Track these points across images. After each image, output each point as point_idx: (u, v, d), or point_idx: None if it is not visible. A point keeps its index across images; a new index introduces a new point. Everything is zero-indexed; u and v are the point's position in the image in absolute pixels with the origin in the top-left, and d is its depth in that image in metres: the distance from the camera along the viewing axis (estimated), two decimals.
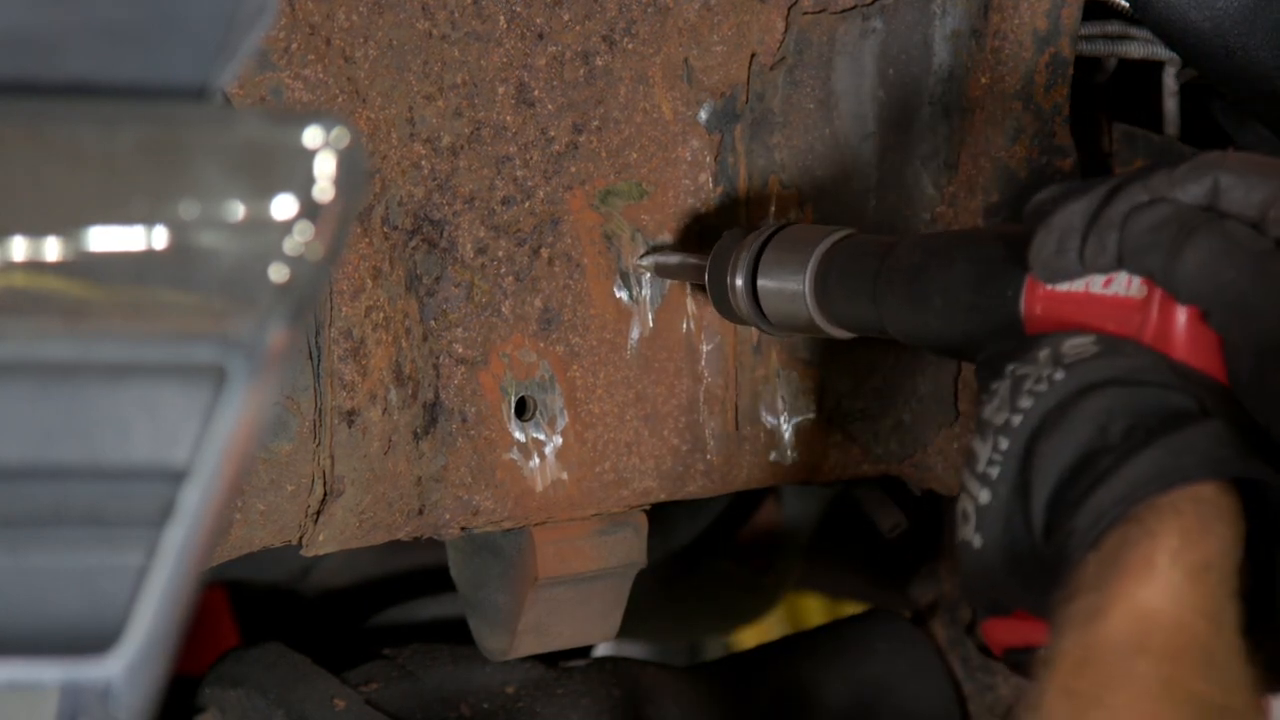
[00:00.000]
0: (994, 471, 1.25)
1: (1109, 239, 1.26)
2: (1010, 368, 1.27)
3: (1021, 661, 1.27)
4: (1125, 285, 1.28)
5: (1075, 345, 1.25)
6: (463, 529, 1.72)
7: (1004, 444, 1.24)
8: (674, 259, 1.75)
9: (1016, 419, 1.24)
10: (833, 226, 1.63)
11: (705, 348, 1.78)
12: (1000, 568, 1.25)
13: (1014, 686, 2.18)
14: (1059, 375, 1.24)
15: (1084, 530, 1.19)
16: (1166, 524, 1.16)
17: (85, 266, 0.92)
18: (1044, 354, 1.26)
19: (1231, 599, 1.16)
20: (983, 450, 1.25)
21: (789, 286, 1.62)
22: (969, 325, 1.39)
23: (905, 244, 1.51)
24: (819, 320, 1.60)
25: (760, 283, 1.64)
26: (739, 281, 1.66)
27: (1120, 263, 1.26)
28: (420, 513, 1.69)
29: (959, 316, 1.40)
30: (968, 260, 1.40)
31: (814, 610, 3.30)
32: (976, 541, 1.25)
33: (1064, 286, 1.30)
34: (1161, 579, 1.15)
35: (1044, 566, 1.22)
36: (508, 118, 1.68)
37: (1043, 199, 1.31)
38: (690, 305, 1.78)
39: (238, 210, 0.93)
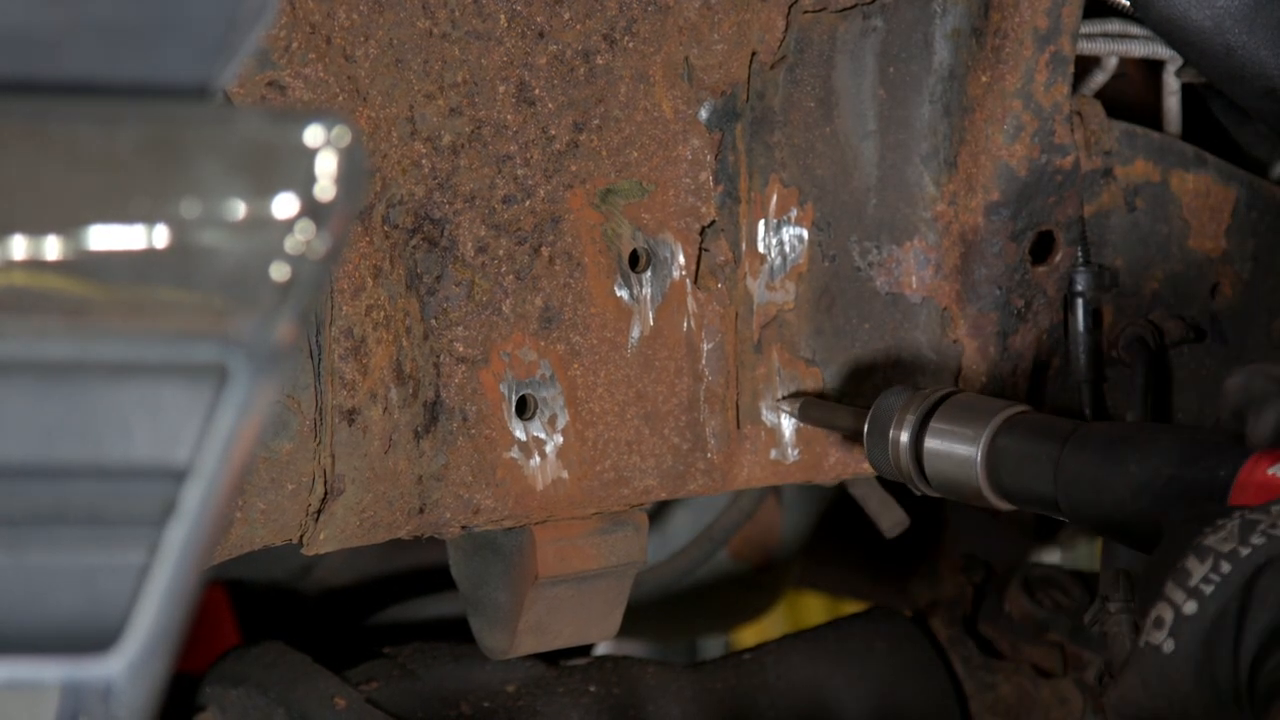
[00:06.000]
0: (1208, 589, 1.32)
1: None
2: (1241, 513, 1.36)
3: None
4: None
5: None
6: (463, 528, 1.72)
7: (1225, 568, 1.33)
8: (824, 407, 1.81)
9: (1245, 550, 1.33)
10: (1006, 401, 1.70)
11: (706, 346, 1.78)
12: (1189, 676, 1.32)
13: (1014, 686, 2.18)
14: None
15: None
16: None
17: (86, 265, 0.92)
18: (1277, 509, 1.35)
19: None
20: (1199, 569, 1.34)
21: (959, 451, 1.69)
22: (1164, 494, 1.51)
23: (1099, 423, 1.68)
24: (984, 488, 1.67)
25: (928, 444, 1.71)
26: (904, 438, 1.72)
27: None
28: (421, 511, 1.69)
29: (1154, 485, 1.52)
30: (1175, 439, 1.53)
31: (814, 608, 3.30)
32: (1168, 646, 1.33)
33: None
34: None
35: (1240, 685, 1.30)
36: (508, 116, 1.68)
37: (1252, 389, 1.43)
38: (691, 304, 1.78)
39: (239, 209, 0.93)
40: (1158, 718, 1.35)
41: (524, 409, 1.72)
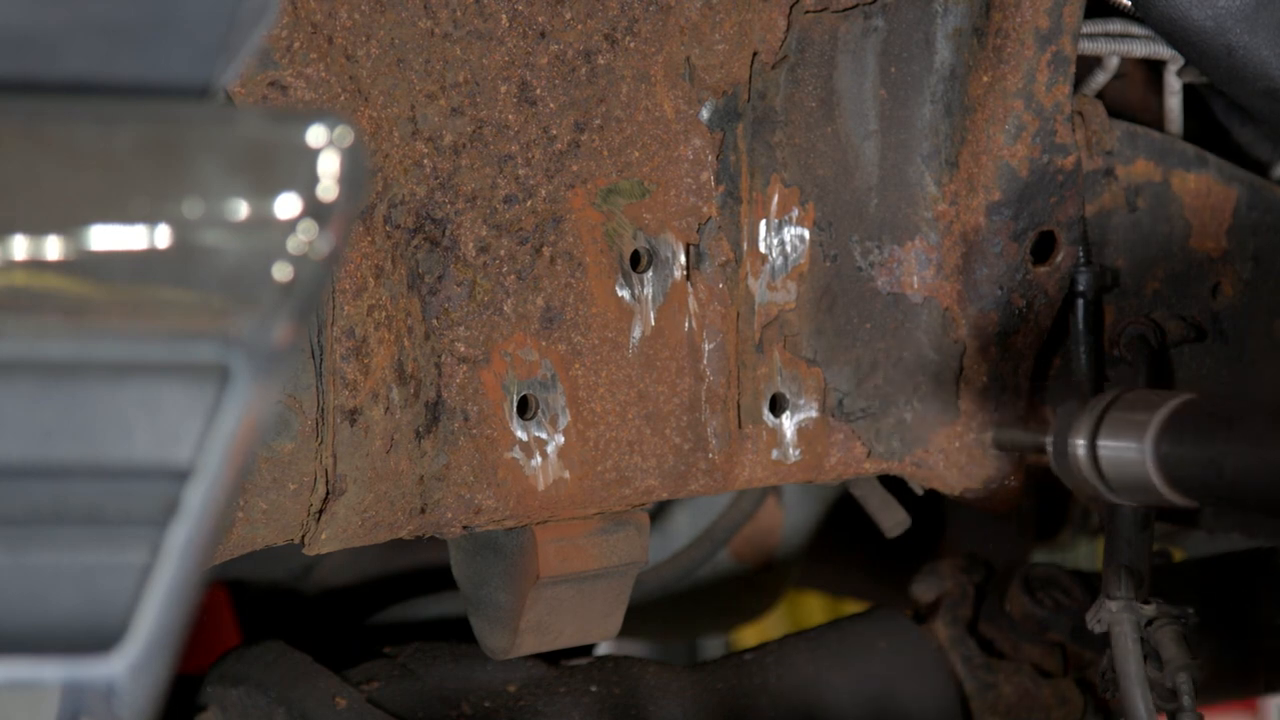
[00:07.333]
0: None
1: None
2: None
3: None
4: None
5: None
6: (464, 527, 1.71)
7: None
8: (1013, 433, 1.85)
9: None
10: (1173, 391, 1.71)
11: (707, 346, 1.78)
12: None
13: (1015, 685, 2.18)
14: None
15: None
16: None
17: (87, 265, 0.92)
18: None
19: None
20: None
21: (1129, 449, 1.70)
22: None
23: (1255, 407, 1.67)
24: (1157, 481, 1.67)
25: (1101, 446, 1.72)
26: (1080, 453, 1.73)
27: None
28: (422, 511, 1.69)
29: None
30: None
31: (815, 608, 3.30)
32: None
33: None
34: None
35: None
36: (510, 116, 1.68)
37: None
38: (692, 304, 1.78)
39: (241, 209, 0.93)
40: None
41: (525, 409, 1.72)
